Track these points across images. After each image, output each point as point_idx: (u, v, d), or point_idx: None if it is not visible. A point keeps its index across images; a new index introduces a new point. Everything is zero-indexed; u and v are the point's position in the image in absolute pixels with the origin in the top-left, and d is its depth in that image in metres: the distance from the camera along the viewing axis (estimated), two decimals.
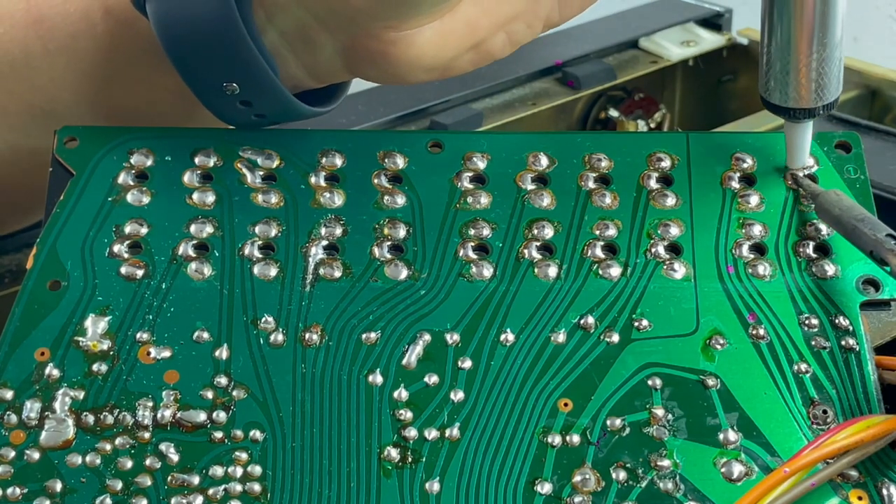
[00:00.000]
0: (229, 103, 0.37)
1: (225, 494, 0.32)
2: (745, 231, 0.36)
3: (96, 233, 0.36)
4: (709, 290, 0.35)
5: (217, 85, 0.36)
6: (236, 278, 0.35)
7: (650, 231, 0.36)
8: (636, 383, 0.33)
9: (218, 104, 0.37)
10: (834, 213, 0.35)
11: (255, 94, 0.36)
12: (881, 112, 0.55)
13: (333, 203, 0.37)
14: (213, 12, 0.35)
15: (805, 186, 0.36)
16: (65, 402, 0.33)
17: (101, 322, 0.35)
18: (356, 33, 0.36)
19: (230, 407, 0.33)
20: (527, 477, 0.32)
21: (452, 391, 0.33)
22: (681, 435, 0.33)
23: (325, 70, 0.38)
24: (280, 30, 0.37)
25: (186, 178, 0.37)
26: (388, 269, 0.35)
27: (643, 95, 0.58)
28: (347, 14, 0.35)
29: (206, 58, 0.36)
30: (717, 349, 0.34)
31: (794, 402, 0.33)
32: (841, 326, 0.34)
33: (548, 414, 0.33)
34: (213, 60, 0.35)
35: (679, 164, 0.37)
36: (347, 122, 0.51)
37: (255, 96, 0.36)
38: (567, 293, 0.35)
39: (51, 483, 0.32)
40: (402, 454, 0.32)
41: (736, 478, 0.32)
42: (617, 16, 0.62)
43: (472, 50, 0.37)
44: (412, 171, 0.37)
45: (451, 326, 0.34)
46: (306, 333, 0.34)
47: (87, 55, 0.39)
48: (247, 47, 0.35)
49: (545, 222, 0.36)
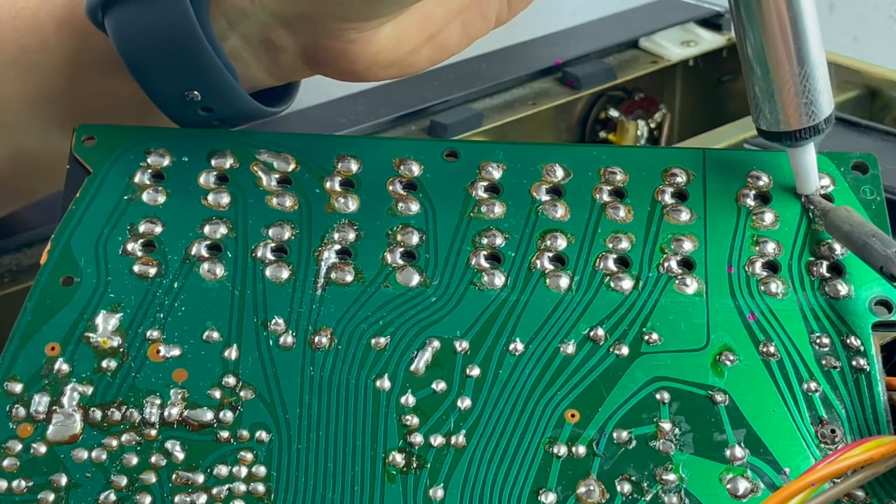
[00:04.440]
0: (190, 110, 0.37)
1: (229, 494, 0.32)
2: (758, 248, 0.36)
3: (111, 230, 0.36)
4: (720, 307, 0.35)
5: (178, 94, 0.37)
6: (248, 280, 0.35)
7: (663, 245, 0.36)
8: (644, 397, 0.33)
9: (179, 112, 0.38)
10: (844, 229, 0.34)
11: (216, 102, 0.37)
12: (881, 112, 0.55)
13: (347, 208, 0.37)
14: (173, 25, 0.35)
15: (815, 202, 0.36)
16: (73, 397, 0.33)
17: (112, 319, 0.35)
18: (318, 34, 0.36)
19: (237, 407, 0.33)
20: (531, 486, 0.32)
21: (460, 398, 0.33)
22: (687, 450, 0.32)
23: (285, 70, 0.38)
24: (242, 34, 0.37)
25: (202, 178, 0.37)
26: (399, 275, 0.36)
27: (643, 95, 0.58)
28: (315, 17, 0.36)
29: (167, 69, 0.36)
30: (726, 365, 0.34)
31: (802, 421, 0.33)
32: (852, 346, 0.34)
33: (554, 424, 0.33)
34: (174, 71, 0.36)
35: (694, 179, 0.37)
36: (347, 121, 0.51)
37: (217, 103, 0.37)
38: (578, 305, 0.35)
39: (56, 477, 0.32)
40: (407, 460, 0.32)
41: (741, 494, 0.32)
42: (617, 16, 0.62)
43: (429, 43, 0.38)
44: (427, 178, 0.37)
45: (461, 334, 0.34)
46: (316, 336, 0.34)
47: (38, 68, 0.39)
48: (208, 57, 0.36)
49: (558, 233, 0.36)
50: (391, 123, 0.52)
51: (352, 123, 0.51)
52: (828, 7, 0.81)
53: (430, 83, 0.55)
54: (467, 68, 0.57)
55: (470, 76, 0.56)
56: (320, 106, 0.54)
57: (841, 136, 0.51)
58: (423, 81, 0.55)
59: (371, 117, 0.52)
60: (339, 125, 0.51)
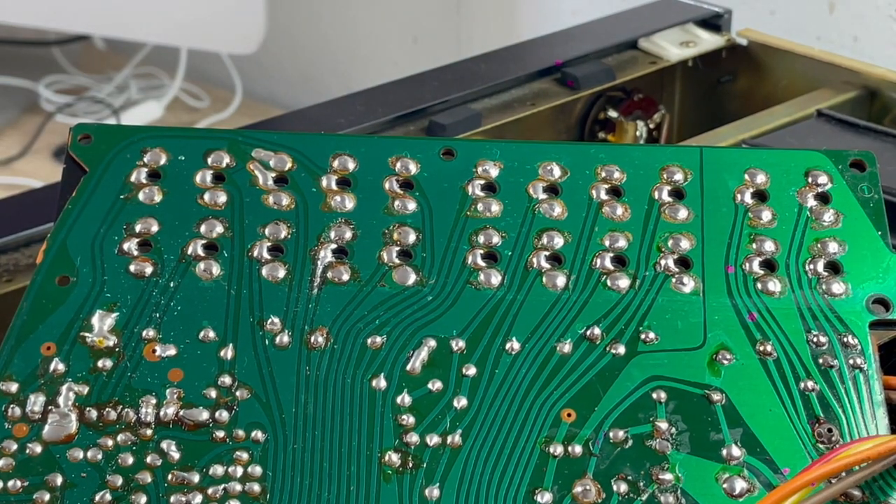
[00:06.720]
0: None
1: (224, 494, 0.32)
2: (755, 247, 0.36)
3: (107, 230, 0.36)
4: (717, 305, 0.35)
5: None
6: (244, 279, 0.35)
7: (660, 244, 0.36)
8: (640, 396, 0.33)
9: None
10: None
11: None
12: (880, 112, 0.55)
13: (344, 207, 0.37)
14: None
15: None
16: (69, 397, 0.33)
17: (107, 318, 0.35)
18: None
19: (233, 407, 0.33)
20: (527, 486, 0.32)
21: (456, 398, 0.33)
22: (684, 449, 0.32)
23: None
24: None
25: (198, 177, 0.37)
26: (396, 274, 0.35)
27: (642, 96, 0.58)
28: None
29: None
30: (723, 364, 0.34)
31: (799, 420, 0.33)
32: (849, 345, 0.34)
33: (550, 424, 0.33)
34: None
35: (692, 177, 0.37)
36: (346, 121, 0.51)
37: None
38: (574, 304, 0.35)
39: (51, 477, 0.32)
40: (403, 459, 0.32)
41: (738, 494, 0.32)
42: (616, 16, 0.62)
43: None
44: (424, 177, 0.37)
45: (457, 333, 0.34)
46: (312, 336, 0.34)
47: None
48: None
49: (555, 232, 0.36)
50: (390, 123, 0.52)
51: (350, 123, 0.51)
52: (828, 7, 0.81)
53: (429, 83, 0.55)
54: (466, 68, 0.57)
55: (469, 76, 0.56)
56: (319, 106, 0.54)
57: (840, 136, 0.50)
58: (422, 81, 0.55)
59: (370, 117, 0.52)
60: (337, 125, 0.51)
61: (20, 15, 1.02)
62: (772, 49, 0.59)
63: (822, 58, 0.57)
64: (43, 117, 1.09)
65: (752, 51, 0.59)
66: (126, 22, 1.02)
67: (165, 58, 1.12)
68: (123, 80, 1.14)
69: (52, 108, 1.10)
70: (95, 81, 1.14)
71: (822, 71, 0.57)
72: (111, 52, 1.21)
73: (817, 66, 0.57)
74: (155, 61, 1.14)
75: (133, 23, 1.02)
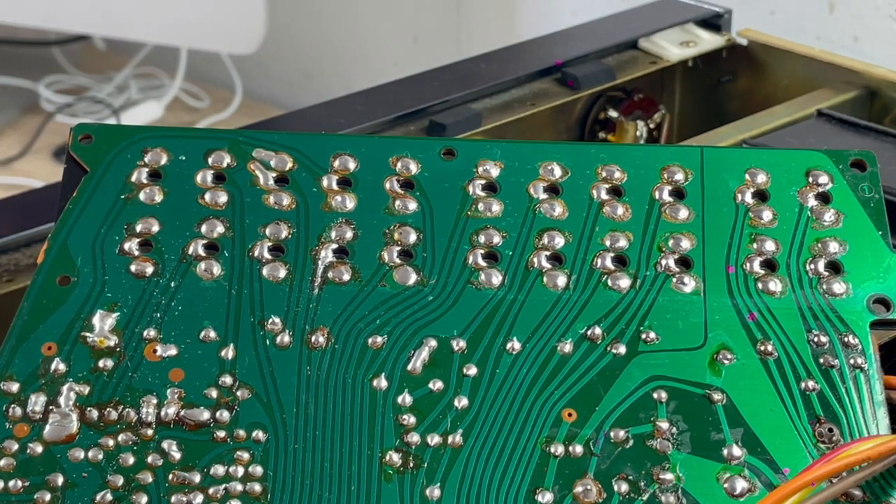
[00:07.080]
0: None
1: (225, 494, 0.32)
2: (756, 246, 0.36)
3: (108, 230, 0.36)
4: (718, 305, 0.35)
5: None
6: (245, 279, 0.35)
7: (661, 244, 0.36)
8: (641, 396, 0.33)
9: None
10: None
11: None
12: (881, 112, 0.55)
13: (345, 207, 0.37)
14: None
15: None
16: (70, 397, 0.33)
17: (108, 318, 0.35)
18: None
19: (234, 407, 0.33)
20: (528, 486, 0.32)
21: (456, 398, 0.33)
22: (684, 449, 0.32)
23: None
24: None
25: (199, 177, 0.37)
26: (396, 274, 0.35)
27: (642, 96, 0.58)
28: None
29: None
30: (724, 364, 0.34)
31: (800, 420, 0.33)
32: (850, 345, 0.34)
33: (551, 423, 0.33)
34: None
35: (693, 177, 0.37)
36: (346, 121, 0.51)
37: None
38: (575, 303, 0.35)
39: (52, 477, 0.32)
40: (404, 459, 0.32)
41: (739, 493, 0.32)
42: (616, 16, 0.62)
43: None
44: (424, 177, 0.37)
45: (458, 333, 0.34)
46: (313, 336, 0.34)
47: None
48: None
49: (556, 232, 0.36)
50: (390, 123, 0.52)
51: (350, 123, 0.51)
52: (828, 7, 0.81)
53: (429, 83, 0.55)
54: (466, 68, 0.57)
55: (469, 76, 0.56)
56: (319, 106, 0.54)
57: (840, 136, 0.50)
58: (422, 81, 0.55)
59: (370, 117, 0.52)
60: (337, 125, 0.51)
61: (20, 15, 1.02)
62: (772, 49, 0.59)
63: (822, 58, 0.57)
64: (43, 117, 1.09)
65: (752, 51, 0.59)
66: (126, 22, 1.02)
67: (165, 58, 1.12)
68: (123, 80, 1.14)
69: (52, 108, 1.10)
70: (95, 81, 1.14)
71: (823, 71, 0.57)
72: (111, 52, 1.21)
73: (817, 66, 0.57)
74: (155, 61, 1.14)
75: (133, 23, 1.02)
